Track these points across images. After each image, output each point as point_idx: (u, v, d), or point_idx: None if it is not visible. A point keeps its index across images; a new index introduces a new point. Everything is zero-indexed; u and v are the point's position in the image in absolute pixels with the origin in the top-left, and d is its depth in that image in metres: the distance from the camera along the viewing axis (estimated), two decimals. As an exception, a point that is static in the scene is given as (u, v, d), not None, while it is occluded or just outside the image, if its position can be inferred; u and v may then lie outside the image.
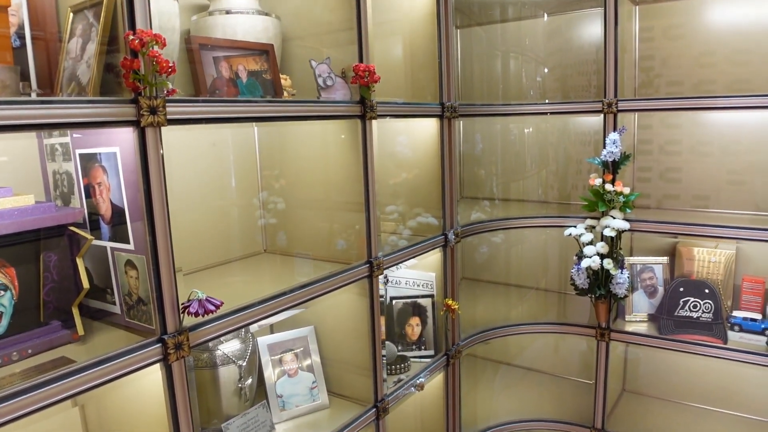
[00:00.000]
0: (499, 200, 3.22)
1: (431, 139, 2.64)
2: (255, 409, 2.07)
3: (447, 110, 2.55)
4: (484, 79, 3.11)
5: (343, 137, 2.11)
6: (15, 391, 1.19)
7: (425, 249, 2.50)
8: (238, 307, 1.64)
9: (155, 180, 1.36)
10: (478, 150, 3.17)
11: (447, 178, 2.61)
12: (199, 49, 1.65)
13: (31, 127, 1.21)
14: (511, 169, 3.21)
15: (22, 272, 1.46)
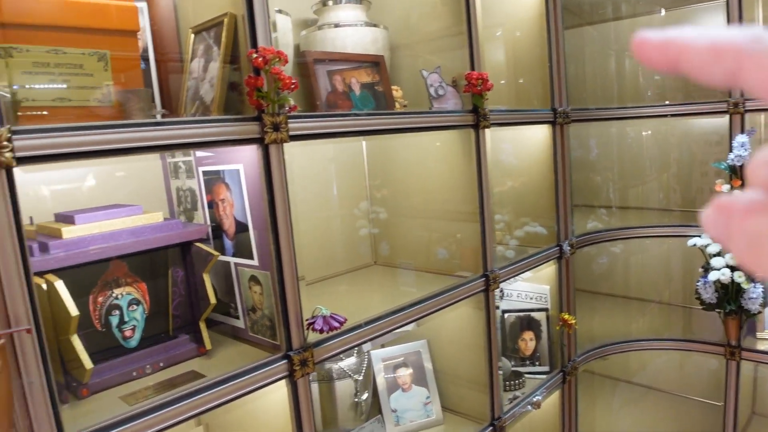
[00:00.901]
0: (616, 208, 3.06)
1: (539, 145, 2.54)
2: (370, 423, 2.05)
3: (559, 116, 2.45)
4: (597, 81, 2.97)
5: (454, 147, 2.07)
6: (150, 407, 1.21)
7: (540, 261, 2.40)
8: (359, 323, 1.61)
9: (279, 196, 1.36)
10: (593, 155, 3.02)
11: (561, 187, 2.50)
12: (313, 63, 1.65)
13: (161, 148, 1.24)
14: (629, 174, 3.04)
15: (152, 287, 1.51)
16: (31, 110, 1.18)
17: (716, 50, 0.24)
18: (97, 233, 1.36)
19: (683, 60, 0.25)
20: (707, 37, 0.25)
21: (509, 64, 2.63)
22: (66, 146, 1.07)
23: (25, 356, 1.03)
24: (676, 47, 0.26)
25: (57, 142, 1.06)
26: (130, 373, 1.42)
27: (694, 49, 0.25)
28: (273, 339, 1.48)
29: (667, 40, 0.26)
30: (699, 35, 0.25)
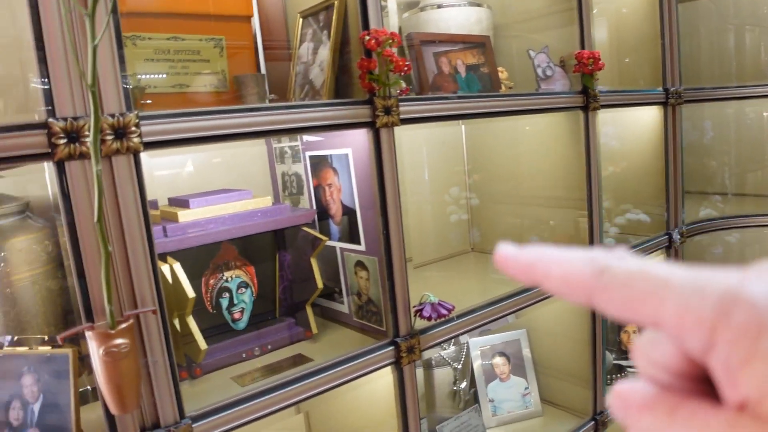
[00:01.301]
0: (732, 195, 2.86)
1: (644, 128, 2.41)
2: (467, 412, 2.01)
3: (672, 96, 2.31)
4: (713, 58, 2.77)
5: (560, 130, 1.98)
6: (262, 390, 1.22)
7: (648, 250, 2.29)
8: (465, 311, 1.58)
9: (389, 181, 1.34)
10: (708, 138, 2.83)
11: (671, 172, 2.36)
12: (420, 45, 1.61)
13: (275, 132, 1.24)
14: (747, 159, 2.83)
15: (260, 271, 1.53)
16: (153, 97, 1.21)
17: (567, 282, 0.27)
18: (210, 217, 1.39)
19: (542, 284, 0.28)
20: (559, 268, 0.27)
21: (613, 43, 2.50)
22: (187, 131, 1.09)
23: (150, 336, 1.06)
24: (533, 273, 0.28)
25: (178, 127, 1.08)
26: (239, 354, 1.44)
27: (549, 279, 0.27)
28: (379, 325, 1.47)
29: (527, 264, 0.28)
30: (553, 264, 0.27)
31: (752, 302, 0.22)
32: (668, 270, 0.25)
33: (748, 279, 0.23)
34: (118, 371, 0.94)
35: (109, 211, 1.00)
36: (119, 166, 1.00)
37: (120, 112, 0.99)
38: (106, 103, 0.99)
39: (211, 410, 1.15)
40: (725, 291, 0.23)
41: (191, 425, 1.10)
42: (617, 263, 0.26)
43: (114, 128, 0.98)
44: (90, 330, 0.93)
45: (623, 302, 0.26)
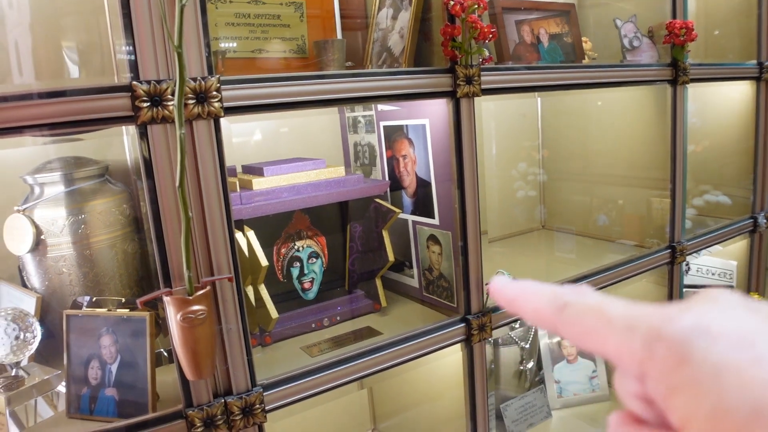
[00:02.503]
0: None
1: (730, 104, 2.27)
2: (533, 392, 1.97)
3: (766, 71, 2.16)
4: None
5: (645, 105, 1.88)
6: (331, 362, 1.21)
7: (731, 234, 2.16)
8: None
9: (467, 154, 1.30)
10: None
11: (761, 152, 2.22)
12: (502, 12, 1.54)
13: (354, 100, 1.21)
14: None
15: (330, 241, 1.51)
16: (232, 62, 1.19)
17: (539, 317, 0.31)
18: (284, 185, 1.38)
19: (522, 315, 0.32)
20: (531, 304, 0.31)
21: (700, 14, 2.35)
22: (267, 97, 1.07)
23: (225, 303, 1.05)
24: (515, 306, 0.32)
25: (259, 93, 1.06)
26: (309, 324, 1.44)
27: (526, 312, 0.32)
28: (449, 301, 1.44)
29: (509, 299, 0.32)
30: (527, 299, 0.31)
31: (671, 338, 0.25)
32: (615, 307, 0.28)
33: (674, 315, 0.26)
34: (195, 337, 0.94)
35: (189, 176, 0.99)
36: (200, 130, 0.99)
37: (202, 76, 0.98)
38: (188, 67, 0.97)
39: (282, 379, 1.15)
40: (650, 328, 0.26)
41: (262, 393, 1.10)
42: (576, 300, 0.30)
43: (196, 92, 0.97)
44: (168, 295, 0.93)
45: (577, 336, 0.29)
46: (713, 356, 0.24)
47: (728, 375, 0.23)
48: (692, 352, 0.24)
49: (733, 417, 0.23)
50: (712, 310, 0.26)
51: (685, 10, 1.78)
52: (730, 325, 0.25)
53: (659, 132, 1.85)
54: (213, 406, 1.05)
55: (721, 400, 0.23)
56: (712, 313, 0.26)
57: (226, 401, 1.06)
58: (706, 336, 0.24)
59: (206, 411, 1.05)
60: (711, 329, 0.25)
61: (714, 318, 0.25)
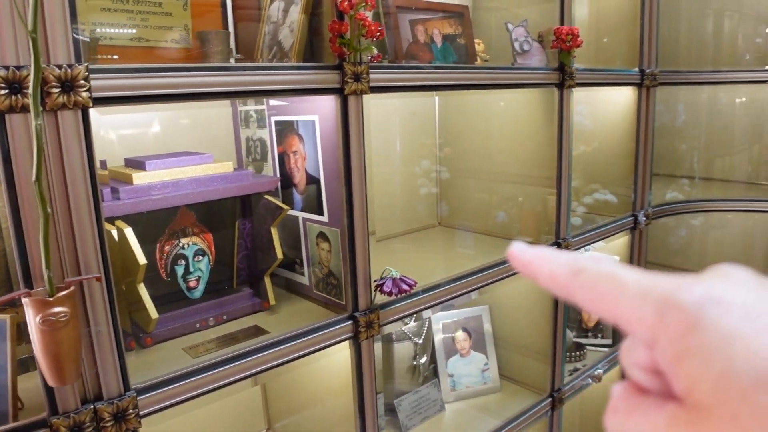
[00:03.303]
0: (699, 179, 2.87)
1: (617, 108, 2.39)
2: (426, 387, 2.01)
3: (647, 78, 2.29)
4: (691, 41, 2.74)
5: (534, 107, 1.95)
6: (213, 362, 1.18)
7: (613, 231, 2.28)
8: (427, 287, 1.55)
9: (355, 150, 1.29)
10: (680, 122, 2.83)
11: (641, 153, 2.36)
12: (397, 11, 1.55)
13: (237, 94, 1.18)
14: (717, 144, 2.83)
15: (218, 238, 1.47)
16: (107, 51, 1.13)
17: (554, 280, 0.32)
18: (168, 180, 1.33)
19: (536, 279, 0.33)
20: (547, 268, 0.32)
21: (592, 22, 2.46)
22: (143, 88, 1.02)
23: (93, 304, 1.00)
24: (531, 269, 0.33)
25: (134, 83, 1.01)
26: (193, 324, 1.40)
27: (542, 276, 0.32)
28: (338, 298, 1.43)
29: (526, 262, 0.33)
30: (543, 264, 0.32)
31: (683, 306, 0.26)
32: (629, 275, 0.29)
33: (685, 284, 0.27)
34: (56, 341, 0.88)
35: (52, 170, 0.93)
36: (65, 121, 0.93)
37: (68, 64, 0.92)
38: (53, 53, 0.91)
39: (159, 382, 1.10)
40: (662, 295, 0.27)
41: (136, 398, 1.06)
42: (592, 266, 0.30)
43: (60, 80, 0.91)
44: (26, 297, 0.88)
45: (591, 300, 0.30)
46: (723, 324, 0.25)
47: (737, 342, 0.24)
48: (703, 319, 0.25)
49: (739, 382, 0.23)
50: (724, 282, 0.27)
51: (572, 16, 1.85)
52: (741, 296, 0.26)
53: (549, 132, 1.92)
54: (81, 413, 1.00)
55: (729, 366, 0.24)
56: (723, 285, 0.26)
57: (96, 407, 1.01)
58: (717, 305, 0.25)
59: (73, 418, 0.99)
60: (722, 299, 0.26)
61: (725, 289, 0.26)
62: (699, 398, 0.25)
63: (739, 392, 0.23)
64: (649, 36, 2.27)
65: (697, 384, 0.25)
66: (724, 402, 0.24)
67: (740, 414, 0.23)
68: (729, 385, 0.24)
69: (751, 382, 0.23)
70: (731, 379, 0.24)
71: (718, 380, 0.24)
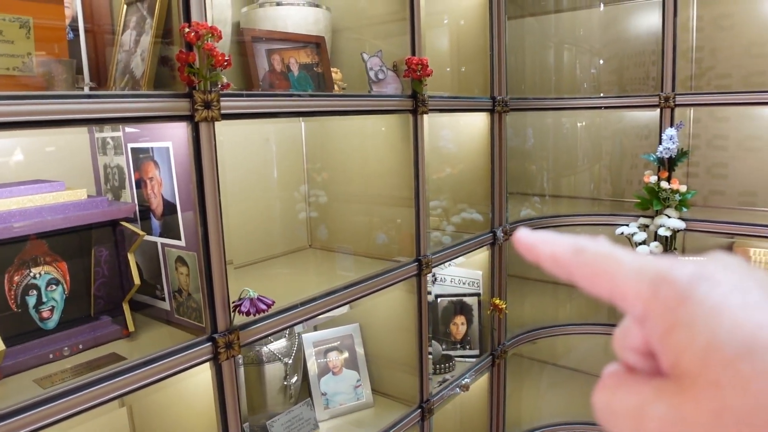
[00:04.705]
0: (549, 196, 3.13)
1: (477, 133, 2.57)
2: (299, 406, 2.04)
3: (498, 104, 2.48)
4: (536, 71, 3.01)
5: (392, 132, 2.06)
6: (67, 390, 1.17)
7: (473, 247, 2.44)
8: (288, 306, 1.60)
9: (208, 176, 1.33)
10: (529, 145, 3.07)
11: (497, 174, 2.54)
12: (252, 41, 1.61)
13: (85, 122, 1.19)
14: (563, 164, 3.11)
15: (73, 267, 1.45)
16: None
17: (556, 260, 0.33)
18: (15, 209, 1.30)
19: (539, 261, 0.34)
20: (550, 248, 0.33)
21: (453, 52, 2.64)
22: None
23: (-71, 337, 0.98)
24: (535, 252, 0.34)
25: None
26: (46, 355, 1.37)
27: (545, 256, 0.34)
28: (199, 321, 1.45)
29: (530, 245, 0.34)
30: (547, 245, 0.33)
31: (676, 280, 0.28)
32: (627, 255, 0.31)
33: (679, 263, 0.29)
34: None
35: None
36: None
37: None
38: None
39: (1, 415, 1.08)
40: (658, 272, 0.29)
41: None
42: (592, 246, 0.32)
43: None
44: None
45: (590, 277, 0.31)
46: (712, 298, 0.26)
47: (723, 315, 0.26)
48: (694, 294, 0.27)
49: (723, 352, 0.25)
50: (715, 264, 0.29)
51: (423, 47, 1.99)
52: (730, 276, 0.28)
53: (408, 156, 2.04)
54: None
55: (714, 337, 0.25)
56: (714, 266, 0.29)
57: (-70, 444, 0.98)
58: (707, 281, 0.27)
59: None
60: (713, 276, 0.27)
61: (716, 269, 0.28)
62: (685, 368, 0.26)
63: (722, 361, 0.25)
64: (499, 66, 2.47)
65: (683, 353, 0.26)
66: (708, 370, 0.25)
67: (723, 382, 0.25)
68: (713, 354, 0.25)
69: (734, 351, 0.25)
70: (716, 349, 0.25)
71: (703, 350, 0.25)
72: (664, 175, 2.58)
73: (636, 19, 2.96)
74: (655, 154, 2.58)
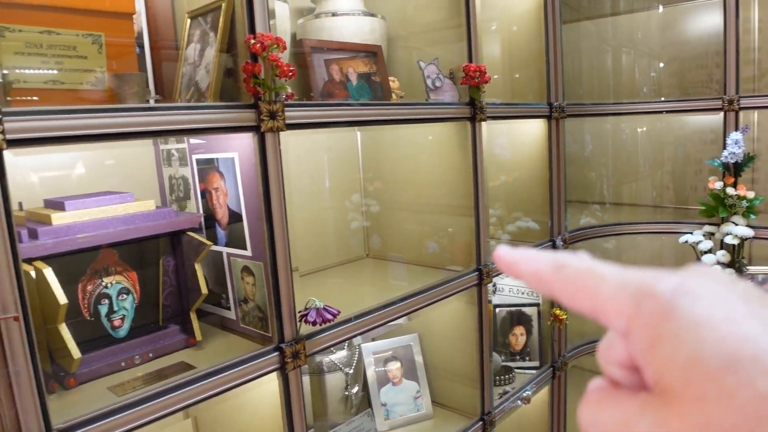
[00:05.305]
0: (609, 204, 3.05)
1: (533, 140, 2.53)
2: (360, 417, 2.03)
3: (555, 110, 2.44)
4: (593, 76, 2.95)
5: (449, 140, 2.05)
6: (140, 398, 1.19)
7: (532, 255, 2.39)
8: (350, 316, 1.60)
9: (274, 186, 1.34)
10: (588, 151, 3.01)
11: (555, 182, 2.49)
12: (311, 52, 1.62)
13: (157, 134, 1.21)
14: (623, 171, 3.03)
15: (142, 276, 1.48)
16: (22, 93, 1.15)
17: (537, 277, 0.33)
18: (88, 220, 1.34)
19: (521, 277, 0.34)
20: (531, 265, 0.33)
21: (504, 59, 2.61)
22: (58, 129, 1.04)
23: (12, 345, 1.00)
24: (516, 269, 0.34)
25: (48, 125, 1.03)
26: (118, 363, 1.39)
27: (526, 273, 0.33)
28: (264, 331, 1.46)
29: (511, 263, 0.34)
30: (528, 262, 0.33)
31: (659, 294, 0.27)
32: (608, 269, 0.30)
33: (662, 277, 0.28)
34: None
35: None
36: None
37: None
38: (-36, 97, 0.93)
39: (80, 422, 1.10)
40: (639, 286, 0.28)
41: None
42: (573, 262, 0.32)
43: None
44: (-59, 338, 0.87)
45: (572, 294, 0.31)
46: (695, 311, 0.26)
47: (706, 329, 0.25)
48: (676, 308, 0.26)
49: (707, 366, 0.25)
50: (697, 277, 0.28)
51: (480, 54, 1.97)
52: (712, 288, 0.27)
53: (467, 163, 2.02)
54: (-2, 455, 0.99)
55: (697, 351, 0.25)
56: (697, 279, 0.28)
57: (14, 449, 1.00)
58: (690, 295, 0.27)
59: (-10, 462, 0.98)
60: (696, 290, 0.27)
61: (699, 282, 0.28)
62: (669, 382, 0.26)
63: (706, 374, 0.25)
64: (555, 71, 2.43)
65: (667, 368, 0.26)
66: (693, 384, 0.25)
67: (708, 396, 0.24)
68: (697, 367, 0.25)
69: (718, 365, 0.24)
70: (700, 362, 0.25)
71: (687, 363, 0.25)
72: (729, 180, 2.48)
73: (696, 20, 2.87)
74: (720, 159, 2.49)
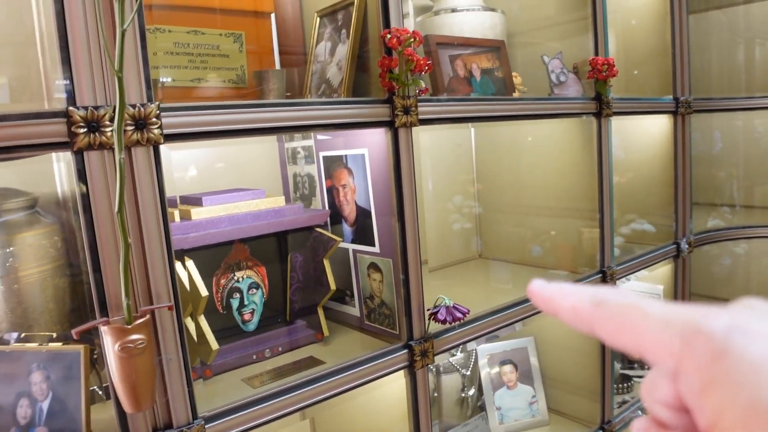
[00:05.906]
0: (740, 207, 2.85)
1: (651, 138, 2.40)
2: (475, 420, 1.99)
3: (681, 105, 2.30)
4: (723, 69, 2.77)
5: (572, 136, 1.97)
6: (275, 392, 1.20)
7: (657, 259, 2.27)
8: (476, 316, 1.56)
9: (406, 182, 1.33)
10: (717, 149, 2.82)
11: (680, 181, 2.35)
12: (437, 47, 1.60)
13: (294, 129, 1.23)
14: (755, 171, 2.81)
15: (270, 271, 1.50)
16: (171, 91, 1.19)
17: (576, 314, 0.31)
18: (223, 215, 1.37)
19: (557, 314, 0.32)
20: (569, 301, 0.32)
21: (620, 54, 2.49)
22: (207, 125, 1.07)
23: (164, 333, 1.03)
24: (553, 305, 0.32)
25: (199, 120, 1.06)
26: (250, 356, 1.42)
27: (564, 310, 0.32)
28: (391, 328, 1.44)
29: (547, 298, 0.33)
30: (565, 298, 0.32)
31: (710, 334, 0.26)
32: (652, 305, 0.29)
33: (712, 314, 0.27)
34: (134, 368, 0.91)
35: (127, 203, 0.98)
36: (139, 157, 0.98)
37: (141, 103, 0.97)
38: (127, 93, 0.97)
39: (223, 411, 1.12)
40: (688, 323, 0.27)
41: (204, 426, 1.08)
42: (613, 297, 0.30)
43: (135, 119, 0.96)
44: (105, 325, 0.91)
45: (614, 331, 0.30)
46: (751, 352, 0.24)
47: (765, 371, 0.24)
48: (731, 348, 0.25)
49: None
50: (748, 313, 0.27)
51: (606, 47, 1.89)
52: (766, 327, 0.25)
53: (586, 163, 1.94)
54: (152, 440, 1.02)
55: (758, 395, 0.23)
56: (748, 316, 0.26)
57: (166, 435, 1.03)
58: (744, 333, 0.25)
59: (145, 446, 1.01)
60: (749, 328, 0.25)
61: (751, 319, 0.26)
62: (725, 427, 0.24)
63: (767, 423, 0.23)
64: (681, 64, 2.30)
65: (724, 414, 0.24)
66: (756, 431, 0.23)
67: None
68: (757, 414, 0.23)
69: None
70: (760, 408, 0.23)
71: (745, 410, 0.24)
72: None
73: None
74: None
